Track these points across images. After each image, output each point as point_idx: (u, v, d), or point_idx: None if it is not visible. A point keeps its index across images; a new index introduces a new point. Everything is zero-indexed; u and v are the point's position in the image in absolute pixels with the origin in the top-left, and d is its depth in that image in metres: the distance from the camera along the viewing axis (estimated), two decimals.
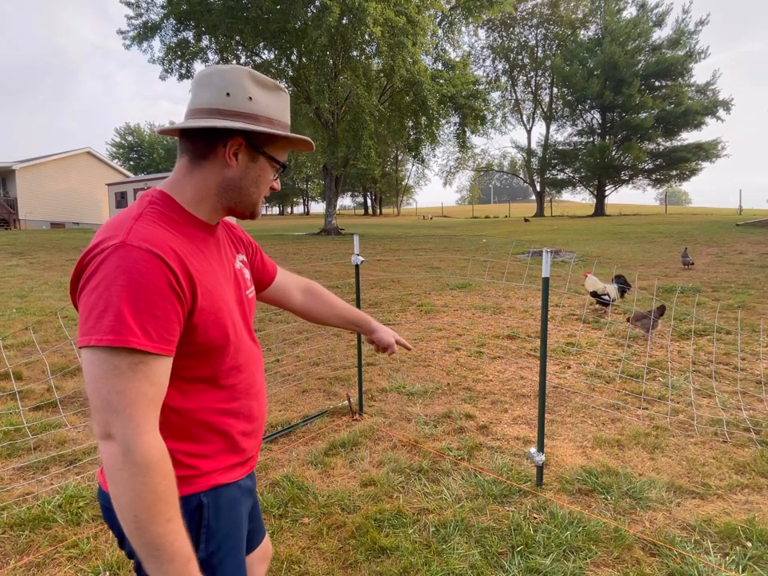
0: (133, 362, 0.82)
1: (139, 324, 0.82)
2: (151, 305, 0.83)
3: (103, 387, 0.81)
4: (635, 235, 17.02)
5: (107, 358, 0.81)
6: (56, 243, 16.20)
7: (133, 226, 0.88)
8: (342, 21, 17.24)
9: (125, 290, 0.81)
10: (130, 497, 0.80)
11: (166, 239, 0.90)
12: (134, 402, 0.82)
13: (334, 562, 2.22)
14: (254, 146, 1.01)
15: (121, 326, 0.80)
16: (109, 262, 0.83)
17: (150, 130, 54.83)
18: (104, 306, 0.81)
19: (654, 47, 31.99)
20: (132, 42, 19.77)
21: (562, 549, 2.24)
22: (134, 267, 0.83)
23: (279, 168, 1.08)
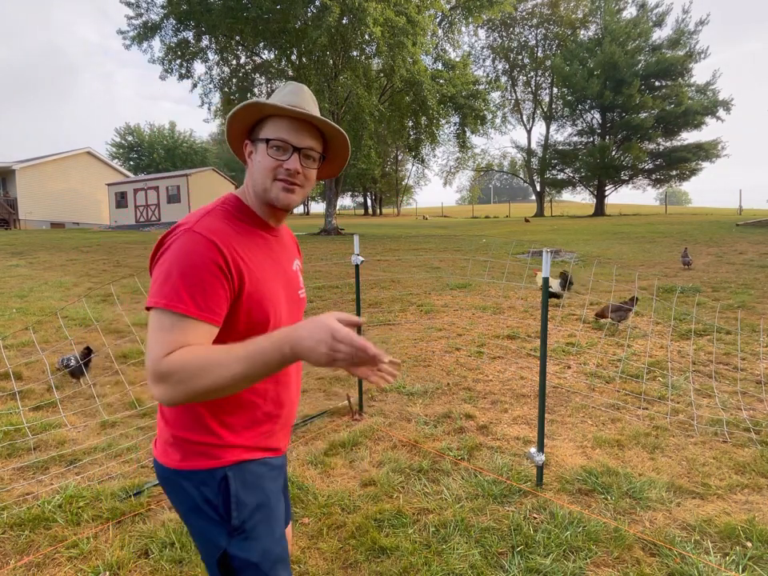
0: (174, 322, 0.97)
1: (189, 294, 0.98)
2: (202, 280, 0.99)
3: (152, 338, 0.97)
4: (635, 235, 17.01)
5: (159, 317, 0.98)
6: (56, 243, 16.20)
7: (201, 218, 1.08)
8: (342, 21, 17.23)
9: (183, 266, 1.00)
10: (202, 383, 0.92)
11: (224, 231, 1.07)
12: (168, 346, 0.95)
13: (333, 562, 2.22)
14: (251, 140, 1.17)
15: (173, 293, 0.98)
16: (177, 243, 1.03)
17: (148, 129, 54.75)
18: (165, 276, 1.00)
19: (654, 47, 31.95)
20: (132, 42, 19.74)
21: (562, 549, 2.24)
22: (194, 249, 1.01)
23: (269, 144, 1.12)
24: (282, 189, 1.13)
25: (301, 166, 1.13)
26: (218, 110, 22.21)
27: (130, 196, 29.37)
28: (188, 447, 1.12)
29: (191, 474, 1.12)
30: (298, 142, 1.13)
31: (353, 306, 3.78)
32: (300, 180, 1.15)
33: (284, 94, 1.16)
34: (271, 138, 1.11)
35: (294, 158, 1.12)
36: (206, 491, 1.12)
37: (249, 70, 22.08)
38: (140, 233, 23.09)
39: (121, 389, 4.18)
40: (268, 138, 1.11)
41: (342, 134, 1.19)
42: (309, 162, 1.16)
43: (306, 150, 1.14)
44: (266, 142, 1.11)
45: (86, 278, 9.78)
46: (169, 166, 50.54)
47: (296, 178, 1.13)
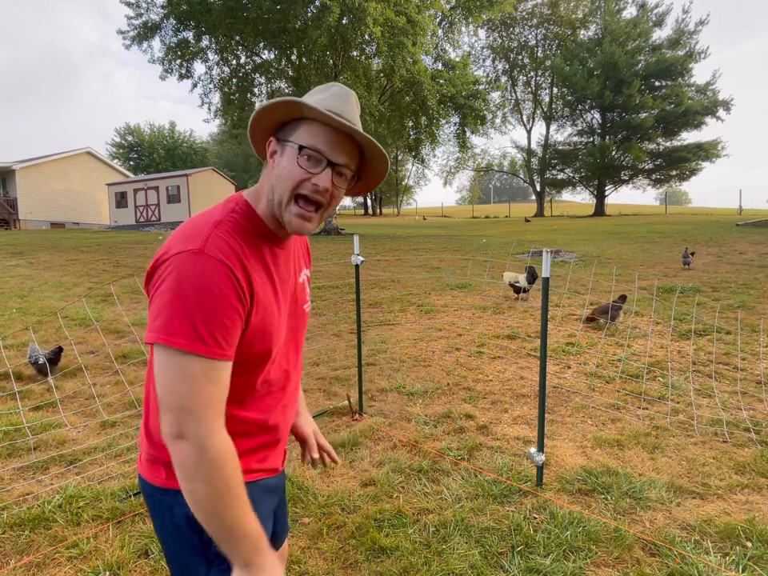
0: (204, 368, 0.87)
1: (210, 332, 0.87)
2: (221, 314, 0.88)
3: (177, 388, 0.87)
4: (635, 235, 17.01)
5: (181, 361, 0.86)
6: (56, 243, 16.20)
7: (211, 234, 0.92)
8: (342, 21, 17.23)
9: (199, 296, 0.86)
10: (206, 491, 0.87)
11: (237, 253, 0.93)
12: (206, 404, 0.87)
13: (333, 562, 2.22)
14: (279, 139, 1.00)
15: (193, 331, 0.86)
16: (186, 266, 0.88)
17: (148, 129, 54.73)
18: (177, 306, 0.86)
19: (654, 47, 31.97)
20: (132, 42, 19.74)
21: (562, 549, 2.24)
22: (208, 276, 0.88)
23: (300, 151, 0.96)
24: (297, 215, 0.98)
25: (332, 183, 0.98)
26: (218, 110, 22.21)
27: (129, 196, 29.37)
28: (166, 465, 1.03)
29: (176, 493, 1.01)
30: (335, 156, 0.97)
31: (353, 306, 3.79)
32: (325, 199, 0.99)
33: (328, 96, 1.00)
34: (305, 145, 0.96)
35: (327, 173, 0.97)
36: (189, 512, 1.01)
37: (249, 70, 22.07)
38: (140, 233, 23.10)
39: (121, 389, 4.18)
40: (301, 145, 0.96)
41: (383, 155, 1.03)
42: (340, 180, 1.01)
43: (340, 167, 0.99)
44: (298, 149, 0.96)
45: (85, 278, 9.78)
46: (169, 166, 50.52)
47: (322, 196, 0.98)
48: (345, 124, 0.95)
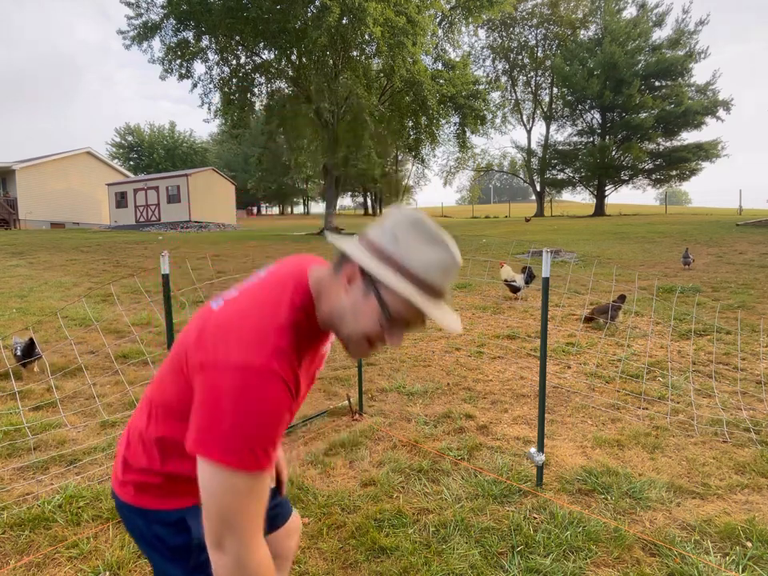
0: (249, 484, 0.86)
1: (263, 449, 0.86)
2: (274, 433, 0.87)
3: (221, 502, 0.86)
4: (635, 235, 17.01)
5: (228, 476, 0.84)
6: (56, 243, 16.19)
7: (276, 348, 0.87)
8: (342, 21, 17.23)
9: (259, 420, 0.84)
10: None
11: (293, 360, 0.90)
12: (248, 521, 0.87)
13: (333, 562, 2.22)
14: (370, 282, 0.90)
15: (249, 453, 0.84)
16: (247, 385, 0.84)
17: (148, 129, 54.72)
18: (232, 422, 0.83)
19: (654, 47, 31.94)
20: (132, 42, 19.74)
21: (562, 549, 2.24)
22: (272, 398, 0.85)
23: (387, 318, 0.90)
24: (360, 353, 0.97)
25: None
26: (218, 110, 22.21)
27: (129, 196, 29.39)
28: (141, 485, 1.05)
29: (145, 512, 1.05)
30: (414, 323, 0.94)
31: None
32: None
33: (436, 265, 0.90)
34: (393, 314, 0.90)
35: (401, 335, 0.93)
36: (159, 532, 1.05)
37: (249, 70, 22.06)
38: (140, 233, 23.09)
39: (121, 389, 4.18)
40: (390, 312, 0.89)
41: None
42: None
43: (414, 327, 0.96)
44: (384, 311, 0.90)
45: (85, 278, 9.78)
46: (169, 166, 50.53)
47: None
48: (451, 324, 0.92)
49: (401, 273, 0.87)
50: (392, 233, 0.90)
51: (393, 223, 0.91)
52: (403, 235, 0.89)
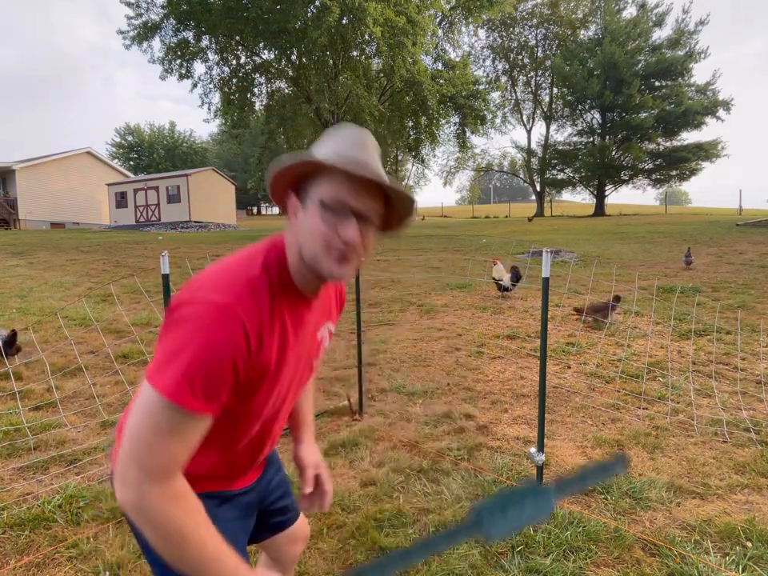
0: (175, 419, 0.83)
1: (203, 387, 0.82)
2: (221, 370, 0.84)
3: (140, 429, 0.83)
4: (635, 235, 17.01)
5: (159, 407, 0.82)
6: (56, 243, 16.20)
7: (242, 293, 0.87)
8: (341, 21, 17.24)
9: (202, 351, 0.82)
10: (157, 541, 0.84)
11: (256, 311, 0.88)
12: (163, 459, 0.83)
13: (333, 562, 2.22)
14: (299, 195, 0.94)
15: (184, 382, 0.81)
16: (201, 315, 0.83)
17: (148, 129, 54.71)
18: (177, 355, 0.82)
19: (654, 47, 31.95)
20: (132, 42, 19.78)
21: (562, 549, 2.24)
22: (220, 331, 0.83)
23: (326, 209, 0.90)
24: (337, 261, 0.92)
25: (360, 233, 0.91)
26: (218, 110, 22.21)
27: (130, 196, 29.38)
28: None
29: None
30: (360, 205, 0.90)
31: (353, 305, 3.78)
32: (359, 249, 0.93)
33: (343, 143, 0.93)
34: (327, 200, 0.89)
35: (353, 225, 0.90)
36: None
37: (249, 70, 22.09)
38: (140, 233, 23.10)
39: (121, 389, 4.18)
40: (323, 201, 0.89)
41: (407, 196, 0.94)
42: (368, 227, 0.93)
43: (366, 215, 0.92)
44: (321, 205, 0.90)
45: (85, 278, 9.78)
46: (169, 166, 50.52)
47: (354, 248, 0.92)
48: (366, 176, 0.87)
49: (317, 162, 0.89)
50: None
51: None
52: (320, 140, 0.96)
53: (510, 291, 7.87)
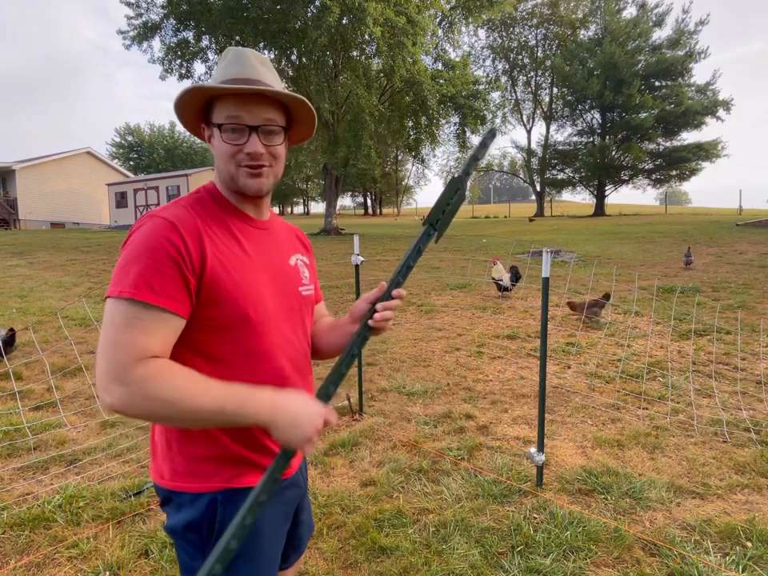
0: (132, 315, 0.88)
1: (145, 279, 0.89)
2: (159, 263, 0.90)
3: (108, 335, 0.88)
4: (635, 235, 17.01)
5: (115, 308, 0.89)
6: (56, 243, 16.19)
7: (168, 206, 1.00)
8: (342, 21, 17.22)
9: (140, 250, 0.91)
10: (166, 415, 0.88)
11: (190, 215, 0.98)
12: (123, 351, 0.86)
13: (333, 562, 2.22)
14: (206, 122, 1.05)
15: (128, 280, 0.89)
16: (140, 230, 0.95)
17: (148, 129, 54.71)
18: (122, 264, 0.92)
19: (654, 47, 31.94)
20: (132, 42, 19.74)
21: (562, 549, 2.24)
22: (152, 232, 0.93)
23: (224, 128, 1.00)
24: (248, 175, 1.01)
25: (263, 145, 1.01)
26: None
27: (129, 196, 29.36)
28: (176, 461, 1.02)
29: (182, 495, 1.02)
30: (252, 119, 0.99)
31: (352, 305, 3.78)
32: (267, 160, 1.03)
33: (225, 65, 1.03)
34: (222, 122, 0.99)
35: (253, 139, 0.99)
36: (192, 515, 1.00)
37: None
38: None
39: None
40: (220, 123, 0.99)
41: (300, 100, 1.04)
42: (272, 138, 1.03)
43: (264, 127, 1.01)
44: (219, 128, 1.00)
45: (85, 278, 9.78)
46: (169, 166, 50.50)
47: (261, 159, 1.01)
48: (245, 88, 0.97)
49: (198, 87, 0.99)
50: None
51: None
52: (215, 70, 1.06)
53: (510, 291, 7.89)
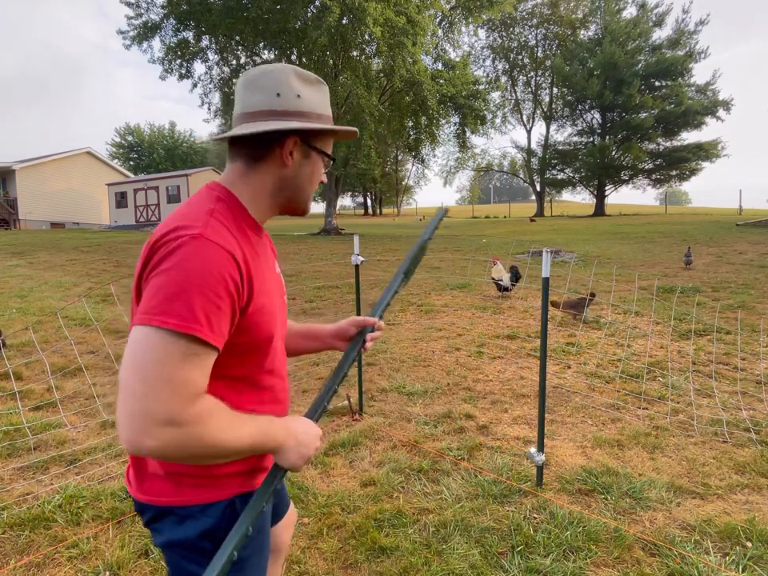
0: (188, 352, 0.82)
1: (205, 314, 0.82)
2: (218, 298, 0.84)
3: (156, 370, 0.80)
4: (635, 235, 17.01)
5: (165, 340, 0.80)
6: (56, 243, 16.19)
7: (209, 221, 0.90)
8: (342, 21, 17.24)
9: (199, 279, 0.82)
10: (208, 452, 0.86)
11: (235, 238, 0.93)
12: (181, 389, 0.81)
13: (334, 562, 2.22)
14: (307, 144, 1.03)
15: (188, 313, 0.81)
16: (186, 248, 0.84)
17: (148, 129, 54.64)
18: (175, 289, 0.82)
19: (654, 47, 31.94)
20: (132, 42, 19.76)
21: (562, 549, 2.24)
22: (210, 259, 0.84)
23: (329, 161, 1.10)
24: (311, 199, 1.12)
25: None
26: (218, 110, 22.22)
27: (129, 196, 29.37)
28: (183, 480, 0.98)
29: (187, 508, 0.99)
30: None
31: (353, 305, 3.78)
32: None
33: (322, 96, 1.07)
34: (330, 155, 1.09)
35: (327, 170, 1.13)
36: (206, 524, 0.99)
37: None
38: (140, 233, 23.09)
39: None
40: (329, 155, 1.08)
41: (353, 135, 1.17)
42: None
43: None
44: (326, 158, 1.08)
45: (85, 278, 9.78)
46: (169, 166, 50.48)
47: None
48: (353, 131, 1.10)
49: (319, 120, 1.03)
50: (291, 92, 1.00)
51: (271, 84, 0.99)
52: (299, 89, 1.01)
53: (510, 291, 7.89)
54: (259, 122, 0.98)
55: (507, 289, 7.82)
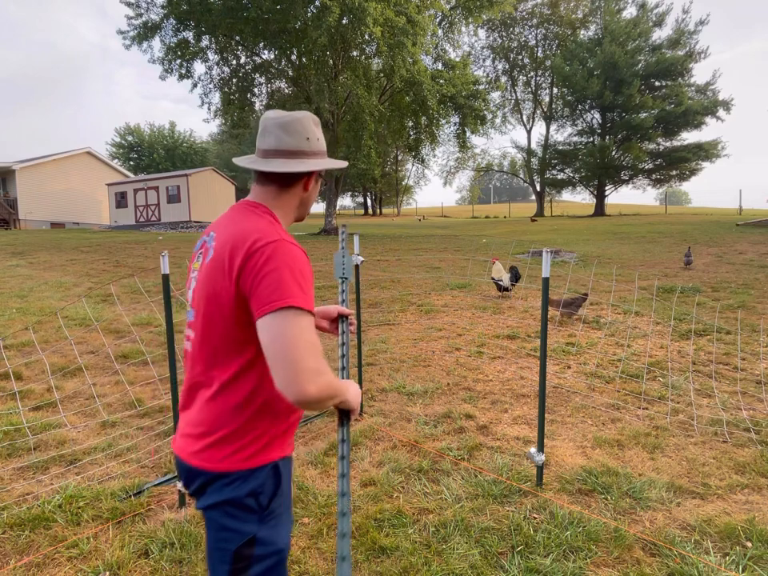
0: (309, 322, 1.13)
1: (310, 296, 1.15)
2: (309, 282, 1.17)
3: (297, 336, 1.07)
4: (635, 235, 17.01)
5: (297, 316, 1.09)
6: (56, 243, 16.19)
7: (278, 230, 1.22)
8: (341, 21, 17.21)
9: (303, 273, 1.16)
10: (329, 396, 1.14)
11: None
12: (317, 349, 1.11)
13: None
14: (319, 174, 1.39)
15: (302, 294, 1.12)
16: (279, 252, 1.15)
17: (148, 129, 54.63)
18: (288, 280, 1.12)
19: (654, 47, 31.93)
20: (132, 42, 19.73)
21: (562, 549, 2.24)
22: (296, 256, 1.17)
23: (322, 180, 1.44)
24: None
25: None
26: (218, 110, 22.20)
27: (130, 196, 29.35)
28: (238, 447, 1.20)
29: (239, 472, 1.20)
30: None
31: (352, 306, 3.78)
32: None
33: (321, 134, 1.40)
34: (323, 174, 1.44)
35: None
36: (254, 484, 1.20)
37: (249, 70, 22.05)
38: (140, 233, 23.09)
39: (121, 389, 4.19)
40: (323, 175, 1.43)
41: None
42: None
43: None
44: (321, 176, 1.40)
45: (85, 278, 9.78)
46: (169, 166, 50.47)
47: None
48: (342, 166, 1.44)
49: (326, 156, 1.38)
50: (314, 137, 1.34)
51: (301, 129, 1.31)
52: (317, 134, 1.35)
53: (510, 291, 7.90)
54: (297, 159, 1.30)
55: (507, 289, 7.83)
